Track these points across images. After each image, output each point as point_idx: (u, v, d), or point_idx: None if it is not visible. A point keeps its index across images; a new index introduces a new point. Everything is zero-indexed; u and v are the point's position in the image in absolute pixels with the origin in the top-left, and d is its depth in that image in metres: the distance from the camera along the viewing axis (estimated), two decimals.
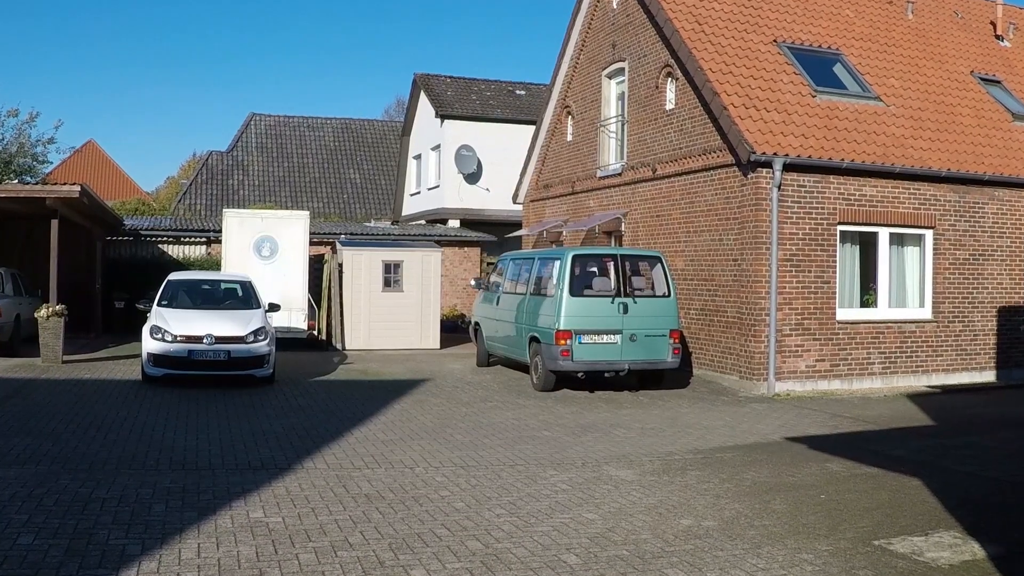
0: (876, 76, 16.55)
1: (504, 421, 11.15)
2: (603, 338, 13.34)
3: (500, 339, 15.84)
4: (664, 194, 16.61)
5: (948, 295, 15.58)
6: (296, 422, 10.62)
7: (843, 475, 8.45)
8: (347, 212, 34.50)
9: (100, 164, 50.55)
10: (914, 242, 15.53)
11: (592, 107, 19.70)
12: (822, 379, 14.40)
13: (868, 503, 7.42)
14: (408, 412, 11.59)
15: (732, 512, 7.08)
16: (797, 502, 7.43)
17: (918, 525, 6.78)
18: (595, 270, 14.35)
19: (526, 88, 31.96)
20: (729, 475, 8.38)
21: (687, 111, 15.95)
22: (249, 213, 20.91)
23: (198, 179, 34.42)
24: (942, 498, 7.56)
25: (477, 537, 6.27)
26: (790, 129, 14.53)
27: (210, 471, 8.00)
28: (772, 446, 9.90)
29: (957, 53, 18.20)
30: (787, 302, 14.18)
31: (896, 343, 15.05)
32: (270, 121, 37.42)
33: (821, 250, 14.46)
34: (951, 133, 16.10)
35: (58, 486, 7.22)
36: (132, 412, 10.91)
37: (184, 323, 13.36)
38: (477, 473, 8.26)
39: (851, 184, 14.67)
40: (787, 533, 6.55)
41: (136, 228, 23.40)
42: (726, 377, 14.69)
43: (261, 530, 6.25)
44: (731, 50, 15.66)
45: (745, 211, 14.31)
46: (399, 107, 54.13)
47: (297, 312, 19.30)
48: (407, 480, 7.89)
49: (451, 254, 25.92)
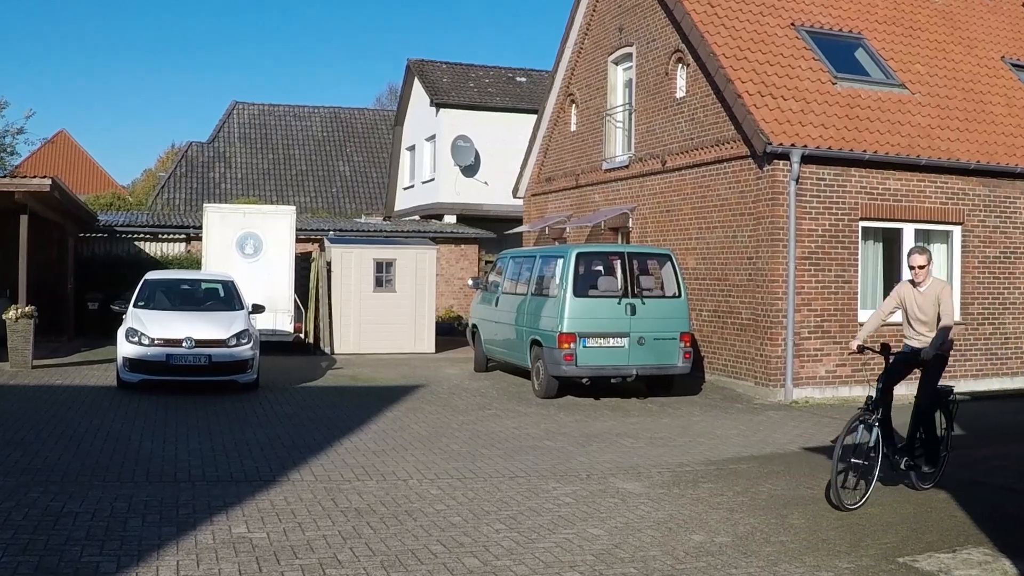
0: (900, 62, 16.55)
1: (503, 430, 11.15)
2: (609, 341, 13.34)
3: (499, 342, 15.84)
4: (674, 188, 16.62)
5: (977, 296, 15.58)
6: (281, 431, 10.62)
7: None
8: (336, 207, 34.51)
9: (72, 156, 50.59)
10: (941, 239, 15.54)
11: (597, 95, 19.70)
12: (843, 385, 14.41)
13: (892, 517, 7.43)
14: (401, 420, 11.59)
15: (747, 527, 7.08)
16: (816, 516, 7.43)
17: (945, 541, 6.78)
18: (600, 269, 14.36)
19: (527, 75, 31.96)
20: (744, 488, 8.38)
21: (699, 99, 15.95)
22: (231, 208, 20.91)
23: (177, 172, 34.42)
24: (971, 512, 7.56)
25: (475, 554, 6.27)
26: (809, 119, 14.53)
27: (190, 483, 8.00)
28: (790, 457, 9.90)
29: (987, 37, 18.20)
30: (805, 303, 14.19)
31: None
32: (254, 110, 37.43)
33: (842, 247, 14.46)
34: (981, 123, 16.10)
35: (27, 499, 7.22)
36: (107, 420, 10.91)
37: (162, 325, 13.36)
38: (475, 485, 8.26)
39: (874, 177, 14.68)
40: (805, 549, 6.55)
41: (111, 224, 23.40)
42: (740, 383, 14.70)
43: (244, 546, 6.25)
44: (746, 34, 15.66)
45: (761, 206, 14.32)
46: (391, 95, 54.21)
47: (283, 314, 19.30)
48: (400, 493, 7.89)
49: (447, 252, 25.92)
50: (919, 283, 8.34)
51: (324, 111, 38.48)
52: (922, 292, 8.34)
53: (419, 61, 31.47)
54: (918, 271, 8.32)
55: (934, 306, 8.24)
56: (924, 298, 8.32)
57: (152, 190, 37.92)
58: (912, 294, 8.39)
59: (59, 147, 49.90)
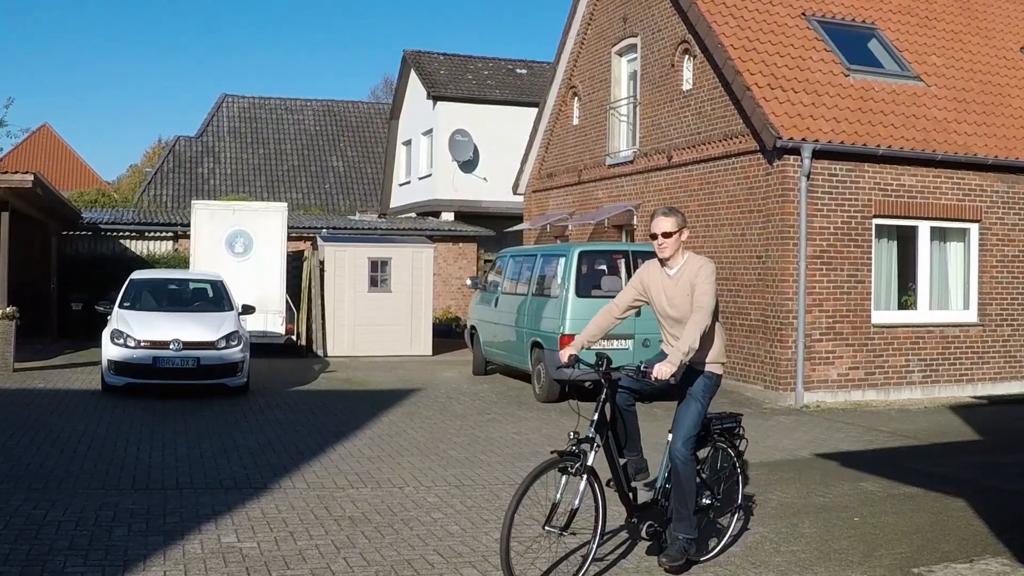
0: (915, 53, 16.56)
1: (503, 435, 11.16)
2: (613, 343, 13.35)
3: (499, 345, 15.85)
4: (680, 184, 16.63)
5: (996, 296, 15.59)
6: (273, 437, 10.63)
7: (879, 495, 8.46)
8: (329, 204, 34.52)
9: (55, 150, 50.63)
10: (958, 237, 15.55)
11: (601, 87, 19.71)
12: (856, 389, 14.42)
13: (907, 526, 7.43)
14: (397, 426, 11.60)
15: (756, 536, 7.08)
16: (828, 525, 7.43)
17: (962, 551, 6.78)
18: (604, 268, 14.36)
19: (527, 66, 31.98)
20: (753, 496, 8.38)
21: (706, 92, 15.96)
22: (220, 205, 20.91)
23: (164, 167, 34.42)
24: (989, 521, 7.56)
25: (473, 564, 6.27)
26: (820, 112, 14.54)
27: (177, 491, 8.00)
28: (800, 463, 9.90)
29: (1006, 27, 18.21)
30: (817, 304, 14.20)
31: (938, 349, 15.06)
32: (244, 103, 37.44)
33: (855, 246, 14.47)
34: (999, 116, 16.11)
35: (9, 507, 7.22)
36: (91, 425, 10.91)
37: (148, 327, 13.37)
38: (473, 493, 8.26)
39: (888, 173, 14.69)
40: (817, 560, 6.55)
41: (95, 222, 23.41)
42: (749, 387, 14.71)
43: (234, 556, 6.25)
44: (755, 24, 15.67)
45: (770, 203, 14.33)
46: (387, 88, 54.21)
47: (274, 315, 19.31)
48: (396, 501, 7.89)
49: (444, 250, 25.94)
50: (668, 262, 6.03)
51: (317, 104, 38.48)
52: (672, 276, 6.00)
53: (415, 52, 31.49)
54: (663, 241, 5.93)
55: (689, 296, 5.91)
56: (675, 285, 5.96)
57: (138, 186, 37.94)
58: (659, 279, 6.05)
59: (41, 141, 49.93)
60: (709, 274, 5.92)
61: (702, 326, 5.71)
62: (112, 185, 48.75)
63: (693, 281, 5.87)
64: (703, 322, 5.72)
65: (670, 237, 5.93)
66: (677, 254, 6.01)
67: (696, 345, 5.67)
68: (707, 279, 5.88)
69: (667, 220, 5.92)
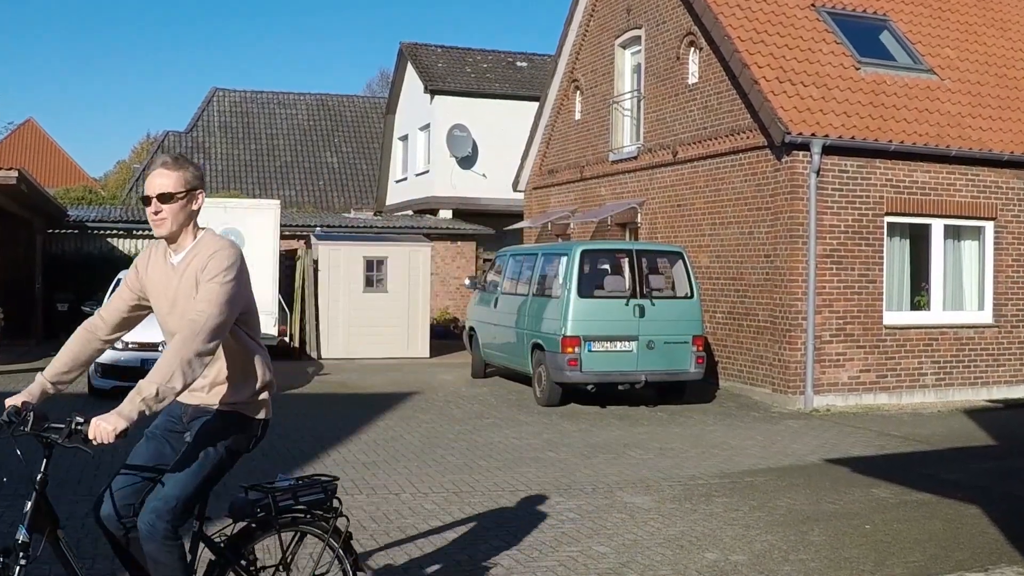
0: (929, 45, 16.56)
1: (503, 440, 11.17)
2: (616, 345, 13.35)
3: (498, 346, 15.86)
4: (686, 180, 16.63)
5: (1012, 296, 15.59)
6: (263, 442, 10.59)
7: (891, 502, 8.46)
8: (323, 201, 34.55)
9: (40, 146, 50.65)
10: (972, 235, 15.55)
11: (603, 81, 19.72)
12: (867, 392, 14.42)
13: (919, 534, 7.43)
14: (393, 430, 11.61)
15: (764, 545, 7.09)
16: (838, 533, 7.44)
17: (977, 559, 6.79)
18: (607, 267, 14.38)
19: (528, 59, 32.00)
20: (760, 502, 8.39)
21: (712, 86, 15.97)
22: (211, 202, 20.77)
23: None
24: (1004, 528, 7.56)
25: (472, 573, 6.28)
26: (830, 106, 14.54)
27: None
28: (810, 469, 9.91)
29: (1022, 19, 18.21)
30: (827, 304, 14.20)
31: (952, 351, 15.06)
32: (235, 97, 37.46)
33: (866, 244, 14.47)
34: (1015, 111, 16.10)
35: None
36: None
37: (136, 328, 13.33)
38: (472, 500, 8.27)
39: (900, 169, 14.68)
40: (827, 568, 6.56)
41: (82, 219, 23.43)
42: (757, 390, 14.71)
43: None
44: (763, 16, 15.68)
45: (779, 200, 14.33)
46: (383, 81, 54.26)
47: (266, 316, 19.30)
48: (392, 508, 7.90)
49: (442, 249, 25.95)
50: (172, 244, 4.07)
51: (310, 98, 38.51)
52: (176, 266, 4.05)
53: (412, 44, 31.50)
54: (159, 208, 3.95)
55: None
56: (180, 279, 4.00)
57: (126, 183, 37.93)
58: (160, 270, 4.11)
59: (26, 137, 49.98)
60: (226, 265, 3.87)
61: (192, 350, 3.68)
62: (99, 182, 48.71)
63: (199, 275, 3.88)
64: (194, 344, 3.69)
65: (170, 202, 3.92)
66: (185, 232, 4.00)
67: (176, 384, 3.66)
68: (220, 273, 3.84)
69: (167, 175, 3.91)
